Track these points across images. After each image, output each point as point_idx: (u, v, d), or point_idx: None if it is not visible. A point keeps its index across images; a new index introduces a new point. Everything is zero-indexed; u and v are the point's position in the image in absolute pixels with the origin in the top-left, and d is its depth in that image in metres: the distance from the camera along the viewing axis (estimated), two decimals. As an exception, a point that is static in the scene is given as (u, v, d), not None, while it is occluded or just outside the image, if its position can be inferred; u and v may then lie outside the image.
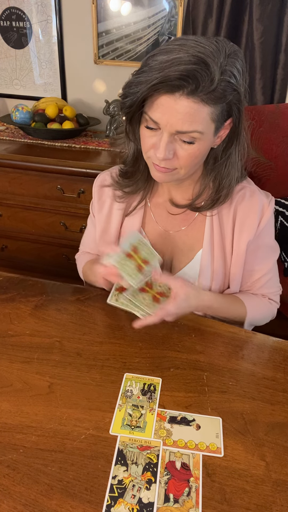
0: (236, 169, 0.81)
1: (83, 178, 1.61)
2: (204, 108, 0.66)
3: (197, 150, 0.72)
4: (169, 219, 0.91)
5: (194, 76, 0.63)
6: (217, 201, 0.83)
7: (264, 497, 0.54)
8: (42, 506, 0.51)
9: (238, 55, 0.68)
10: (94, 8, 1.83)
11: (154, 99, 0.68)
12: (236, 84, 0.67)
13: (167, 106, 0.67)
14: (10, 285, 0.93)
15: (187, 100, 0.65)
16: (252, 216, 0.85)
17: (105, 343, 0.77)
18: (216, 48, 0.65)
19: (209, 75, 0.63)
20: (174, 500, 0.53)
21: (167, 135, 0.70)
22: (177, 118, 0.67)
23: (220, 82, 0.65)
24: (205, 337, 0.80)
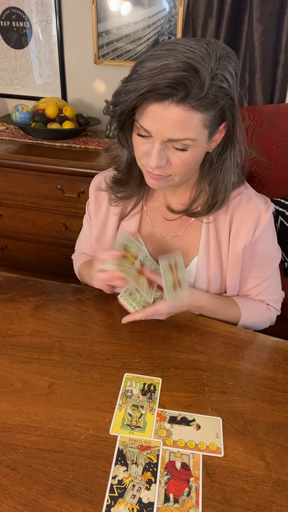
0: (232, 173, 0.79)
1: (83, 178, 1.61)
2: (196, 115, 0.65)
3: (190, 157, 0.70)
4: (165, 224, 0.90)
5: (183, 83, 0.61)
6: (213, 207, 0.82)
7: (264, 497, 0.54)
8: (42, 506, 0.51)
9: (230, 57, 0.66)
10: (94, 8, 1.83)
11: (144, 107, 0.66)
12: (228, 88, 0.65)
13: (157, 114, 0.65)
14: (10, 285, 0.93)
15: (177, 108, 0.64)
16: (249, 221, 0.83)
17: (105, 343, 0.77)
18: (206, 52, 0.63)
19: (199, 82, 0.61)
20: (174, 500, 0.53)
21: (158, 143, 0.68)
22: (168, 126, 0.66)
23: (211, 88, 0.63)
24: (205, 337, 0.80)
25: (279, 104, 1.64)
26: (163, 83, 0.61)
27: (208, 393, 0.68)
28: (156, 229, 0.91)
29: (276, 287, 0.94)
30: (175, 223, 0.90)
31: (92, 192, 0.95)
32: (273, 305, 0.94)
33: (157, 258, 0.79)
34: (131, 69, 0.68)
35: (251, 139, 1.55)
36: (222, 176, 0.79)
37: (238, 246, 0.85)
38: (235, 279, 0.88)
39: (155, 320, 0.84)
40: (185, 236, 0.89)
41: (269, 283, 0.91)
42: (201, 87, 0.62)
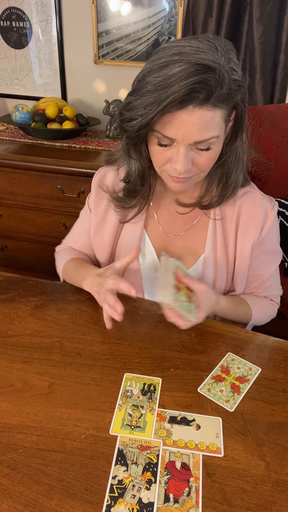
0: (242, 162, 0.80)
1: (83, 178, 1.61)
2: (217, 112, 0.65)
3: (214, 153, 0.71)
4: (171, 222, 0.90)
5: (205, 85, 0.61)
6: (225, 197, 0.82)
7: (264, 497, 0.54)
8: (42, 506, 0.51)
9: (231, 47, 0.67)
10: (94, 8, 1.83)
11: (165, 116, 0.65)
12: (240, 79, 0.66)
13: (182, 120, 0.64)
14: (10, 285, 0.93)
15: (201, 110, 0.63)
16: (256, 220, 0.84)
17: (105, 343, 0.77)
18: (214, 49, 0.62)
19: (218, 79, 0.61)
20: (174, 500, 0.53)
21: (184, 147, 0.68)
22: (194, 129, 0.65)
23: (229, 84, 0.63)
24: (205, 337, 0.80)
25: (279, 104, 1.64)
26: (184, 90, 0.60)
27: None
28: (163, 227, 0.91)
29: (278, 283, 0.96)
30: (182, 221, 0.90)
31: (94, 186, 0.93)
32: (275, 300, 0.97)
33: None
34: (139, 80, 0.67)
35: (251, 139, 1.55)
36: (233, 165, 0.79)
37: (247, 244, 0.85)
38: (244, 277, 0.89)
39: (155, 320, 0.84)
40: (192, 233, 0.89)
41: (273, 279, 0.94)
42: (221, 84, 0.62)
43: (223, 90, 0.63)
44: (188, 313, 0.73)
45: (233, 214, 0.86)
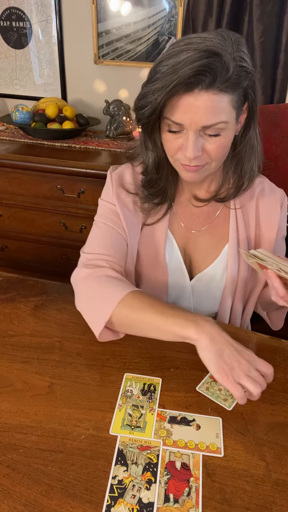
0: (256, 153, 0.81)
1: (83, 178, 1.61)
2: (224, 97, 0.67)
3: (224, 140, 0.72)
4: (192, 218, 0.90)
5: (210, 68, 0.63)
6: (241, 188, 0.83)
7: (264, 497, 0.54)
8: (42, 506, 0.51)
9: (241, 40, 0.69)
10: (94, 8, 1.83)
11: (174, 102, 0.67)
12: (248, 67, 0.68)
13: (188, 104, 0.66)
14: (10, 285, 0.93)
15: (206, 94, 0.65)
16: (275, 207, 0.87)
17: (105, 343, 0.77)
18: (222, 38, 0.65)
19: (223, 64, 0.64)
20: (174, 500, 0.53)
21: (192, 133, 0.69)
22: (201, 114, 0.67)
23: (235, 68, 0.65)
24: (205, 337, 0.80)
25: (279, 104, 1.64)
26: (190, 73, 0.63)
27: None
28: (185, 224, 0.90)
29: None
30: (203, 216, 0.90)
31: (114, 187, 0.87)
32: None
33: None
34: (150, 72, 0.70)
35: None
36: (248, 156, 0.81)
37: (272, 233, 0.87)
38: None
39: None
40: (214, 227, 0.90)
41: None
42: (226, 69, 0.64)
43: (228, 74, 0.65)
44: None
45: (252, 204, 0.88)
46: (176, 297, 0.93)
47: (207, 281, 0.90)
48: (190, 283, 0.91)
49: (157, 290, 0.91)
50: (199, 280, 0.91)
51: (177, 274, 0.91)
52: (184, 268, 0.90)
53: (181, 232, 0.90)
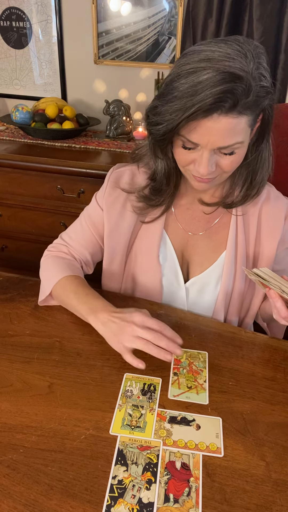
0: (268, 163, 0.81)
1: (83, 178, 1.61)
2: (243, 119, 0.65)
3: (238, 157, 0.71)
4: (192, 221, 0.90)
5: (231, 94, 0.61)
6: (249, 196, 0.83)
7: (264, 497, 0.54)
8: (42, 506, 0.51)
9: (262, 52, 0.66)
10: (94, 8, 1.83)
11: (191, 122, 0.66)
12: (268, 85, 0.66)
13: (207, 128, 0.65)
14: (10, 285, 0.93)
15: (226, 118, 0.64)
16: (279, 217, 0.86)
17: (105, 343, 0.77)
18: (243, 56, 0.62)
19: (245, 88, 0.61)
20: (174, 500, 0.53)
21: (207, 152, 0.69)
22: (218, 136, 0.66)
23: (255, 90, 0.63)
24: (205, 337, 0.80)
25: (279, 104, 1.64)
26: (210, 100, 0.61)
27: (208, 393, 0.68)
28: (184, 226, 0.90)
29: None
30: (204, 219, 0.89)
31: (109, 187, 0.90)
32: None
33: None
34: (166, 85, 0.67)
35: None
36: (259, 166, 0.80)
37: (272, 243, 0.86)
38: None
39: (155, 320, 0.84)
40: (213, 231, 0.89)
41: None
42: (247, 93, 0.62)
43: (249, 98, 0.63)
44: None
45: (255, 212, 0.86)
46: (171, 298, 0.93)
47: (201, 286, 0.90)
48: (184, 286, 0.91)
49: (151, 290, 0.91)
50: (194, 284, 0.90)
51: (171, 275, 0.91)
52: (178, 270, 0.90)
53: (179, 234, 0.90)
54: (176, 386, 0.68)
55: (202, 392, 0.68)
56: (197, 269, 0.90)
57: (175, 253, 0.90)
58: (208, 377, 0.71)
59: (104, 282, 0.97)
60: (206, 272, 0.89)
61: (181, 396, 0.67)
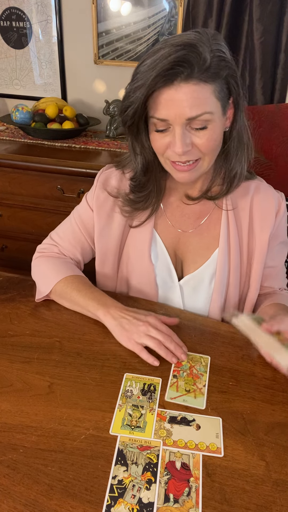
0: (246, 147, 0.80)
1: (83, 178, 1.61)
2: (206, 87, 0.67)
3: (212, 133, 0.72)
4: (182, 219, 0.90)
5: (187, 60, 0.64)
6: (232, 185, 0.82)
7: (264, 497, 0.54)
8: (42, 506, 0.51)
9: (219, 36, 0.70)
10: (94, 8, 1.83)
11: (156, 98, 0.68)
12: (228, 57, 0.69)
13: (171, 98, 0.67)
14: (10, 285, 0.93)
15: (186, 85, 0.66)
16: (270, 211, 0.86)
17: (105, 343, 0.77)
18: (198, 34, 0.67)
19: (200, 55, 0.65)
20: (174, 500, 0.53)
21: (179, 127, 0.70)
22: (184, 106, 0.67)
23: (213, 58, 0.66)
24: (205, 337, 0.80)
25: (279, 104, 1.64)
26: (167, 65, 0.64)
27: (208, 393, 0.68)
28: (174, 224, 0.90)
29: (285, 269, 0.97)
30: (194, 216, 0.89)
31: (98, 188, 0.91)
32: (286, 287, 0.98)
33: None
34: (132, 73, 0.71)
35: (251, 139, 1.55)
36: (235, 150, 0.80)
37: (264, 236, 0.86)
38: (260, 269, 0.89)
39: (155, 320, 0.84)
40: (205, 228, 0.89)
41: (283, 268, 0.95)
42: (203, 59, 0.65)
43: (206, 64, 0.66)
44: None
45: (246, 206, 0.86)
46: (166, 297, 0.92)
47: (196, 284, 0.90)
48: (179, 284, 0.91)
49: (145, 290, 0.91)
50: (188, 282, 0.90)
51: (165, 274, 0.91)
52: (172, 268, 0.90)
53: (170, 232, 0.90)
54: (174, 388, 0.68)
55: (200, 396, 0.67)
56: (191, 267, 0.90)
57: (167, 251, 0.90)
58: (208, 380, 0.71)
59: (98, 285, 0.97)
60: (199, 269, 0.89)
61: (178, 399, 0.66)
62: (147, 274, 0.90)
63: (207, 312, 0.91)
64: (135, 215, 0.88)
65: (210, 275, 0.89)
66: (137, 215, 0.88)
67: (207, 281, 0.89)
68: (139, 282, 0.92)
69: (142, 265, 0.90)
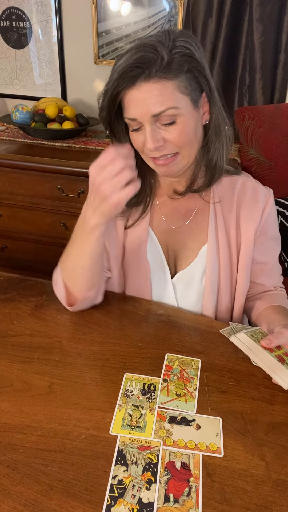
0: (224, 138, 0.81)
1: (83, 178, 1.61)
2: (167, 84, 0.69)
3: (182, 127, 0.73)
4: (173, 213, 0.91)
5: (144, 60, 0.67)
6: (213, 177, 0.83)
7: (264, 497, 0.54)
8: (42, 506, 0.51)
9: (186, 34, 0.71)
10: (94, 8, 1.83)
11: (124, 100, 0.72)
12: (191, 53, 0.70)
13: (134, 98, 0.70)
14: (10, 285, 0.93)
15: (147, 84, 0.69)
16: (256, 205, 0.86)
17: (105, 343, 0.77)
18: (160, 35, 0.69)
19: (158, 54, 0.67)
20: (174, 500, 0.53)
21: (148, 125, 0.72)
22: (147, 104, 0.70)
23: (172, 55, 0.68)
24: (205, 337, 0.80)
25: (279, 104, 1.64)
26: (127, 68, 0.68)
27: (208, 393, 0.68)
28: (166, 219, 0.91)
29: (279, 268, 0.97)
30: (183, 211, 0.90)
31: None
32: (281, 286, 0.98)
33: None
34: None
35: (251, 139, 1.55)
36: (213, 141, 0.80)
37: (250, 229, 0.86)
38: (248, 263, 0.89)
39: (155, 320, 0.84)
40: (194, 223, 0.90)
41: (277, 266, 0.95)
42: (161, 58, 0.67)
43: (165, 62, 0.67)
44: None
45: (233, 200, 0.87)
46: (160, 294, 0.92)
47: (188, 280, 0.90)
48: (171, 281, 0.91)
49: (141, 287, 0.92)
50: (180, 278, 0.91)
51: (159, 271, 0.91)
52: (165, 265, 0.90)
53: (163, 228, 0.91)
54: (165, 393, 0.68)
55: (191, 400, 0.66)
56: (183, 263, 0.91)
57: (160, 248, 0.90)
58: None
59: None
60: (190, 265, 0.90)
61: (168, 404, 0.66)
62: (143, 272, 0.90)
63: (200, 309, 0.92)
64: (130, 215, 0.89)
65: (201, 270, 0.89)
66: (132, 214, 0.89)
67: (198, 277, 0.89)
68: (134, 280, 0.92)
69: (139, 263, 0.90)
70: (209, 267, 0.88)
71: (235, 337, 0.72)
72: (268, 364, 0.69)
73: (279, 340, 0.70)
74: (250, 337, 0.72)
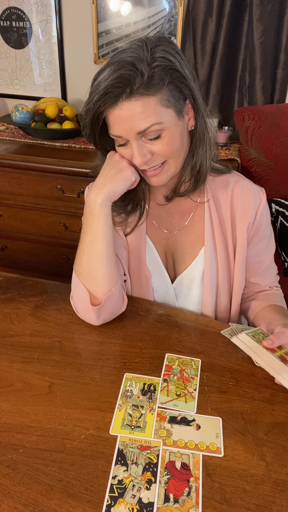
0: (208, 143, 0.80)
1: (83, 178, 1.61)
2: (149, 100, 0.68)
3: (168, 139, 0.72)
4: (168, 219, 0.91)
5: (124, 79, 0.65)
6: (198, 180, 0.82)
7: (264, 497, 0.54)
8: (42, 506, 0.51)
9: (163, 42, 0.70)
10: (94, 8, 1.83)
11: (107, 118, 0.72)
12: (171, 64, 0.68)
13: (117, 117, 0.70)
14: (10, 285, 0.93)
15: (129, 102, 0.68)
16: (249, 204, 0.86)
17: (105, 343, 0.77)
18: (137, 46, 0.67)
19: (138, 70, 0.65)
20: (174, 500, 0.53)
21: (134, 141, 0.72)
22: (131, 122, 0.69)
23: (152, 69, 0.66)
24: (205, 337, 0.80)
25: (279, 104, 1.64)
26: (106, 89, 0.67)
27: (208, 393, 0.68)
28: (161, 225, 0.91)
29: (275, 267, 0.97)
30: (179, 216, 0.90)
31: None
32: (277, 285, 0.98)
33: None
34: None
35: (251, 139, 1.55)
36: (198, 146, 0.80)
37: (244, 227, 0.86)
38: (243, 261, 0.89)
39: (155, 320, 0.84)
40: (190, 226, 0.90)
41: (272, 265, 0.95)
42: (141, 74, 0.66)
43: (144, 78, 0.66)
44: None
45: (227, 200, 0.87)
46: (162, 299, 0.93)
47: (188, 283, 0.91)
48: (172, 286, 0.91)
49: (144, 292, 0.92)
50: (181, 281, 0.91)
51: (159, 277, 0.91)
52: (164, 271, 0.91)
53: (159, 234, 0.91)
54: (165, 393, 0.68)
55: (191, 400, 0.66)
56: (181, 266, 0.91)
57: (157, 253, 0.91)
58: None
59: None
60: (189, 268, 0.90)
61: (168, 404, 0.66)
62: (144, 278, 0.91)
63: (200, 310, 0.92)
64: (127, 222, 0.89)
65: (201, 272, 0.89)
66: (129, 222, 0.89)
67: (198, 279, 0.90)
68: (138, 286, 0.92)
69: (140, 270, 0.90)
70: (207, 268, 0.88)
71: (237, 338, 0.72)
72: (271, 364, 0.69)
73: (281, 340, 0.70)
74: (251, 337, 0.72)
